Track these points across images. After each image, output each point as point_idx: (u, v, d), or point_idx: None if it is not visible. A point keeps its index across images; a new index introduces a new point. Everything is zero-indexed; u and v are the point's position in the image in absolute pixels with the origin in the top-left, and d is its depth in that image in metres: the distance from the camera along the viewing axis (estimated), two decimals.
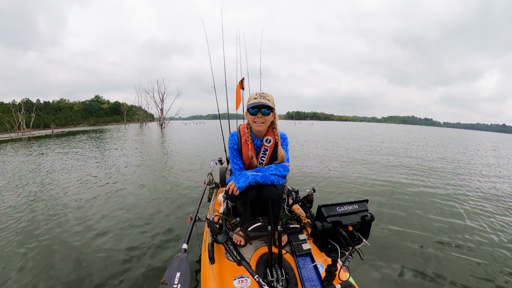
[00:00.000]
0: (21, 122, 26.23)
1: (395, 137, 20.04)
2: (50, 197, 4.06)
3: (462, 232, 2.89)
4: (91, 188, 4.51)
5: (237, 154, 1.76)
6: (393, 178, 5.37)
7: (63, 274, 2.07)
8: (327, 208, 1.17)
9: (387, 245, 2.55)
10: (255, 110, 1.62)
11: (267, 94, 1.65)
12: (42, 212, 3.40)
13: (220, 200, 2.26)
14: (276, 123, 1.75)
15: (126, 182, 4.97)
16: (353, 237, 1.16)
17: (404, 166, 6.92)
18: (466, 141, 19.36)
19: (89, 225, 2.99)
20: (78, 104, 68.94)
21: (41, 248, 2.47)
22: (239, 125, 1.84)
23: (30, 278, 2.02)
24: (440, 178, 5.56)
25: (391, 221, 3.13)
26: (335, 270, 1.28)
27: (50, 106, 63.12)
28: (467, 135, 35.77)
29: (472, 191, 4.66)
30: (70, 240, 2.64)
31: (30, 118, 29.92)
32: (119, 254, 2.35)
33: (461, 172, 6.44)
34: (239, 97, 3.20)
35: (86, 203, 3.73)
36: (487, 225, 3.11)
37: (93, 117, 66.53)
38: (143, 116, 42.14)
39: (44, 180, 5.17)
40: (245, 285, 1.36)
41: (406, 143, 14.18)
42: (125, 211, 3.40)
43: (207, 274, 1.45)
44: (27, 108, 34.14)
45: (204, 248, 1.73)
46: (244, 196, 1.64)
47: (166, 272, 1.33)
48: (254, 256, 1.57)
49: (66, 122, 58.42)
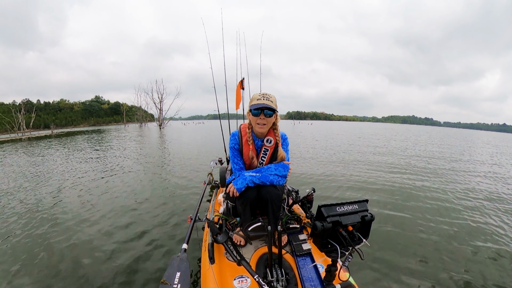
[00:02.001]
0: (21, 122, 26.26)
1: (393, 137, 20.03)
2: (48, 196, 4.07)
3: (465, 233, 2.89)
4: (90, 188, 4.51)
5: (237, 154, 1.76)
6: (393, 179, 5.37)
7: (63, 274, 2.07)
8: (327, 208, 1.17)
9: (387, 245, 2.55)
10: (258, 111, 1.61)
11: (270, 95, 1.65)
12: (41, 212, 3.40)
13: (220, 200, 2.26)
14: (277, 124, 1.75)
15: (126, 182, 4.97)
16: (353, 237, 1.16)
17: (405, 166, 6.92)
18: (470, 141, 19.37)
19: (88, 225, 2.99)
20: (78, 104, 68.98)
21: (39, 248, 2.47)
22: (240, 125, 1.84)
23: (27, 280, 2.02)
24: (440, 177, 5.57)
25: (392, 221, 3.13)
26: (335, 270, 1.28)
27: (50, 106, 63.14)
28: (467, 134, 35.79)
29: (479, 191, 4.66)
30: (69, 240, 2.64)
31: (30, 118, 29.95)
32: (119, 254, 2.35)
33: (460, 173, 6.44)
34: (239, 97, 3.21)
35: (85, 203, 3.73)
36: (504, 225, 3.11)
37: (93, 117, 66.56)
38: (142, 116, 42.18)
39: (41, 179, 5.18)
40: (245, 285, 1.36)
41: (402, 141, 14.19)
42: (125, 212, 3.40)
43: (207, 274, 1.45)
44: (27, 108, 34.18)
45: (204, 248, 1.73)
46: (243, 196, 1.64)
47: (166, 272, 1.33)
48: (254, 256, 1.57)
49: (66, 123, 58.45)
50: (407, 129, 43.03)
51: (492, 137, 30.28)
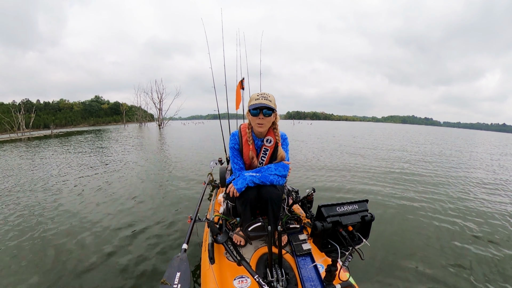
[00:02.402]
0: (21, 122, 26.24)
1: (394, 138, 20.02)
2: (49, 195, 4.06)
3: (466, 232, 2.89)
4: (90, 188, 4.51)
5: (237, 154, 1.76)
6: (394, 179, 5.37)
7: (62, 274, 2.07)
8: (327, 208, 1.17)
9: (387, 245, 2.54)
10: (257, 111, 1.61)
11: (269, 95, 1.64)
12: (41, 213, 3.40)
13: (220, 200, 2.26)
14: (277, 123, 1.75)
15: (125, 182, 4.96)
16: (353, 237, 1.16)
17: (406, 166, 6.92)
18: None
19: (87, 225, 2.98)
20: (78, 104, 68.89)
21: (38, 248, 2.47)
22: (240, 125, 1.84)
23: (28, 276, 2.02)
24: (442, 178, 5.57)
25: (392, 221, 3.13)
26: (335, 270, 1.28)
27: (50, 106, 63.07)
28: (467, 134, 35.80)
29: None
30: (69, 240, 2.64)
31: (30, 118, 29.92)
32: (119, 254, 2.35)
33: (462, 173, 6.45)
34: (239, 97, 3.20)
35: (85, 203, 3.73)
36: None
37: (93, 117, 66.49)
38: (142, 116, 42.13)
39: (38, 182, 5.17)
40: (245, 285, 1.36)
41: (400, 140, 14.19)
42: (125, 212, 3.40)
43: (207, 274, 1.45)
44: (27, 108, 34.16)
45: (204, 248, 1.73)
46: (243, 196, 1.64)
47: (166, 272, 1.33)
48: (254, 256, 1.57)
49: (66, 123, 58.39)
50: (403, 129, 42.92)
51: (496, 137, 29.97)
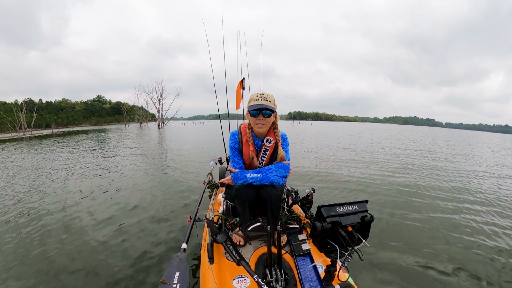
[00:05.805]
0: (23, 122, 26.37)
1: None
2: (50, 194, 4.08)
3: (467, 233, 2.88)
4: (90, 188, 4.52)
5: (237, 153, 1.75)
6: (395, 179, 5.35)
7: (62, 274, 2.07)
8: (327, 208, 1.16)
9: (387, 246, 2.54)
10: (256, 112, 1.61)
11: (268, 95, 1.63)
12: (42, 212, 3.41)
13: (220, 200, 2.26)
14: (277, 123, 1.75)
15: (124, 183, 4.97)
16: (352, 237, 1.16)
17: (407, 167, 6.90)
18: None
19: (87, 225, 2.99)
20: (80, 104, 69.10)
21: (39, 246, 2.48)
22: (240, 124, 1.84)
23: (25, 276, 2.03)
24: (441, 176, 5.55)
25: (392, 221, 3.12)
26: (334, 270, 1.27)
27: (52, 106, 63.28)
28: (467, 135, 35.65)
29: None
30: (68, 240, 2.64)
31: (32, 118, 30.06)
32: (119, 254, 2.35)
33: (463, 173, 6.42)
34: (240, 97, 3.21)
35: (84, 203, 3.74)
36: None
37: (94, 117, 66.65)
38: (142, 116, 42.24)
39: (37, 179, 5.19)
40: (244, 285, 1.36)
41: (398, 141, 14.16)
42: (124, 211, 3.41)
43: (207, 274, 1.45)
44: (29, 108, 34.31)
45: (204, 248, 1.73)
46: (242, 196, 1.64)
47: (166, 271, 1.33)
48: (253, 256, 1.57)
49: (68, 122, 58.58)
50: (403, 130, 42.76)
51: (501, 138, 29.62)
